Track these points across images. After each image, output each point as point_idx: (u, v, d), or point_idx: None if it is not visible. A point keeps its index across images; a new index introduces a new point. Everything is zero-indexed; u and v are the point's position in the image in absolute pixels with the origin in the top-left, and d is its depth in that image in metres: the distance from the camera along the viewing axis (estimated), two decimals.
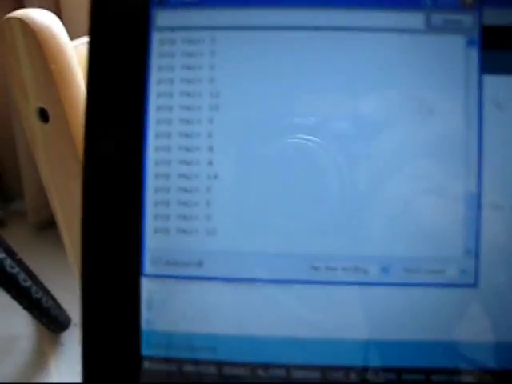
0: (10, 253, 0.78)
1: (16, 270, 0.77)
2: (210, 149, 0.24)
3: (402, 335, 0.24)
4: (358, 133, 0.24)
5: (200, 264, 0.25)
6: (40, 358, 0.86)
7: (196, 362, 0.25)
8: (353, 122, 0.24)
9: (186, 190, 0.25)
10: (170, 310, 0.25)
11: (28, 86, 0.40)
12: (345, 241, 0.24)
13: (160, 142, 0.25)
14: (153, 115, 0.25)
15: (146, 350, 0.25)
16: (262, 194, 0.24)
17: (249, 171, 0.25)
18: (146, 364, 0.25)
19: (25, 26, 0.38)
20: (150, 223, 0.25)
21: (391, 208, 0.24)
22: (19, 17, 0.38)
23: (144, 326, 0.25)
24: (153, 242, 0.25)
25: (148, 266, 0.25)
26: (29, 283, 0.79)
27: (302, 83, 0.24)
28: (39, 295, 0.81)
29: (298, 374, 0.25)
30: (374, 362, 0.25)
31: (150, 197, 0.25)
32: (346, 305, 0.24)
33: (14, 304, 0.80)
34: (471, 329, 0.24)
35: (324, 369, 0.25)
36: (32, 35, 0.38)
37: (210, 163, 0.24)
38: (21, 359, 0.85)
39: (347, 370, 0.25)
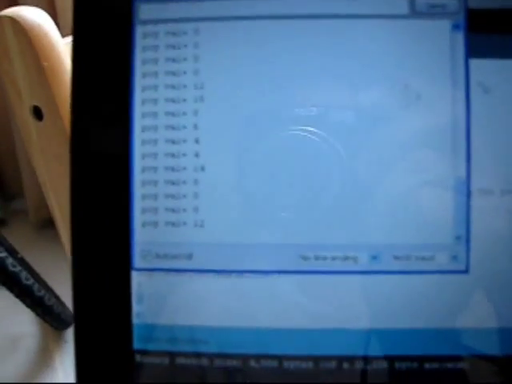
0: (12, 251, 0.78)
1: (18, 268, 0.78)
2: (197, 141, 0.24)
3: (394, 323, 0.24)
4: (344, 120, 0.24)
5: (189, 256, 0.25)
6: (45, 355, 0.86)
7: (188, 355, 0.25)
8: (339, 109, 0.24)
9: (173, 183, 0.24)
10: (161, 303, 0.25)
11: (21, 85, 0.40)
12: (334, 230, 0.24)
13: (146, 135, 0.25)
14: (138, 109, 0.25)
15: (137, 344, 0.25)
16: (249, 185, 0.24)
17: (235, 162, 0.24)
18: (138, 357, 0.25)
19: (15, 24, 0.37)
20: (138, 217, 0.25)
21: (379, 196, 0.24)
22: (10, 15, 0.38)
23: (135, 319, 0.25)
24: (142, 236, 0.25)
25: (138, 260, 0.25)
26: (31, 281, 0.79)
27: (286, 72, 0.24)
28: (42, 293, 0.81)
29: (290, 364, 0.25)
30: (367, 350, 0.24)
31: (138, 190, 0.25)
32: (337, 294, 0.24)
33: (17, 302, 0.81)
34: (463, 315, 0.24)
35: (316, 358, 0.25)
36: (23, 33, 0.37)
37: (197, 155, 0.24)
38: (25, 357, 0.86)
39: (339, 359, 0.24)
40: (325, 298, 0.24)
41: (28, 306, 0.82)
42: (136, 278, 0.25)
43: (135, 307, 0.25)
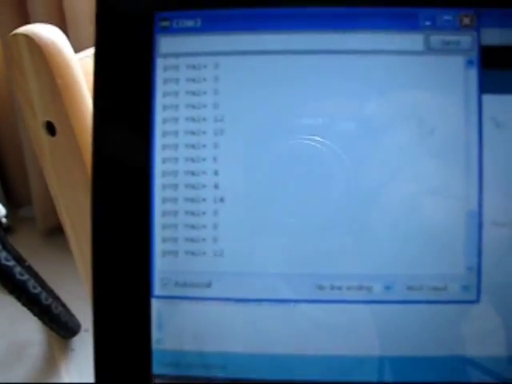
0: (20, 260, 0.79)
1: (25, 277, 0.78)
2: (216, 173, 0.25)
3: (407, 351, 0.25)
4: (359, 157, 0.25)
5: (208, 285, 0.25)
6: (51, 363, 0.87)
7: (206, 380, 0.26)
8: (355, 145, 0.25)
9: (193, 214, 0.25)
10: (180, 329, 0.26)
11: (35, 101, 0.41)
12: (349, 260, 0.25)
13: (166, 167, 0.25)
14: (159, 141, 0.25)
15: (156, 369, 0.26)
16: (267, 216, 0.25)
17: (254, 194, 0.25)
18: (158, 382, 0.26)
19: (30, 41, 0.38)
20: (158, 246, 0.25)
21: (393, 227, 0.25)
22: (25, 33, 0.38)
23: (154, 345, 0.26)
24: (162, 265, 0.25)
25: (157, 288, 0.25)
26: (38, 290, 0.80)
27: (305, 107, 0.25)
28: (49, 302, 0.82)
29: None
30: (379, 377, 0.25)
31: (158, 220, 0.25)
32: (351, 323, 0.25)
33: (25, 311, 0.81)
34: (474, 344, 0.25)
35: None
36: (38, 51, 0.38)
37: (216, 187, 0.25)
38: (32, 365, 0.86)
39: None
40: (340, 326, 0.25)
41: (35, 314, 0.82)
42: (156, 306, 0.25)
43: (155, 333, 0.26)
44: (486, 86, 0.25)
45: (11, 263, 0.76)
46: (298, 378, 0.25)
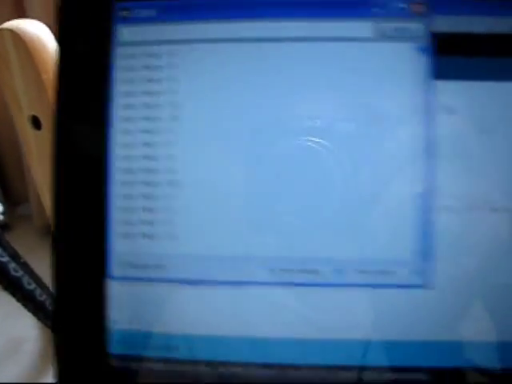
0: (15, 256, 0.79)
1: (20, 273, 0.79)
2: (171, 157, 0.26)
3: (354, 335, 0.25)
4: (308, 141, 0.25)
5: (163, 267, 0.26)
6: (46, 359, 0.87)
7: (161, 361, 0.26)
8: (304, 131, 0.25)
9: (148, 197, 0.26)
10: (136, 310, 0.26)
11: (20, 95, 0.42)
12: (299, 243, 0.25)
13: (124, 151, 0.26)
14: (116, 127, 0.26)
15: (113, 349, 0.26)
16: (220, 200, 0.26)
17: (207, 178, 0.26)
18: (114, 362, 0.26)
19: (16, 36, 0.39)
20: (115, 228, 0.26)
21: (343, 211, 0.25)
22: (10, 28, 0.39)
23: (111, 325, 0.26)
24: (118, 246, 0.26)
25: (114, 269, 0.26)
26: (33, 286, 0.80)
27: (256, 91, 0.26)
28: (43, 298, 0.82)
29: (254, 372, 0.26)
30: (327, 360, 0.25)
31: (115, 203, 0.26)
32: (300, 305, 0.25)
33: (20, 307, 0.82)
34: (423, 328, 0.25)
35: (280, 367, 0.26)
36: (23, 45, 0.39)
37: (171, 171, 0.26)
38: (27, 361, 0.87)
39: (297, 368, 0.25)
40: (291, 309, 0.25)
41: (30, 310, 0.82)
42: (112, 287, 0.26)
43: (111, 314, 0.26)
44: (438, 72, 0.25)
45: (5, 259, 0.77)
46: (248, 360, 0.26)
